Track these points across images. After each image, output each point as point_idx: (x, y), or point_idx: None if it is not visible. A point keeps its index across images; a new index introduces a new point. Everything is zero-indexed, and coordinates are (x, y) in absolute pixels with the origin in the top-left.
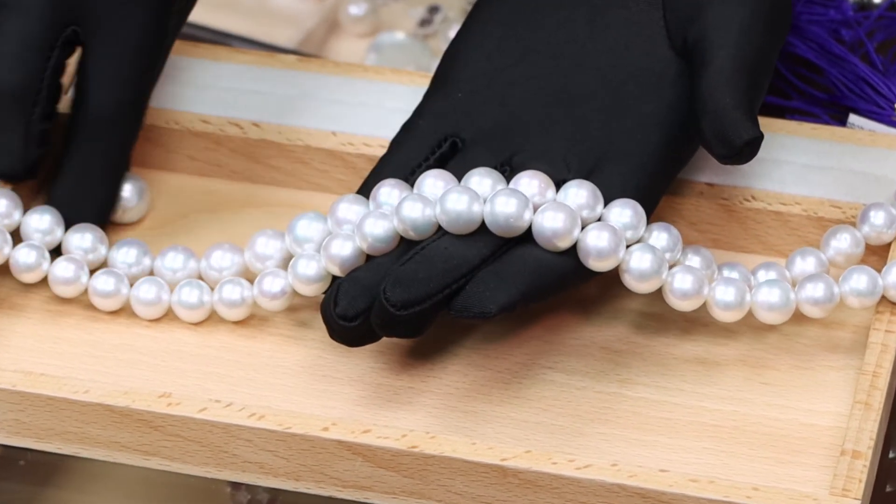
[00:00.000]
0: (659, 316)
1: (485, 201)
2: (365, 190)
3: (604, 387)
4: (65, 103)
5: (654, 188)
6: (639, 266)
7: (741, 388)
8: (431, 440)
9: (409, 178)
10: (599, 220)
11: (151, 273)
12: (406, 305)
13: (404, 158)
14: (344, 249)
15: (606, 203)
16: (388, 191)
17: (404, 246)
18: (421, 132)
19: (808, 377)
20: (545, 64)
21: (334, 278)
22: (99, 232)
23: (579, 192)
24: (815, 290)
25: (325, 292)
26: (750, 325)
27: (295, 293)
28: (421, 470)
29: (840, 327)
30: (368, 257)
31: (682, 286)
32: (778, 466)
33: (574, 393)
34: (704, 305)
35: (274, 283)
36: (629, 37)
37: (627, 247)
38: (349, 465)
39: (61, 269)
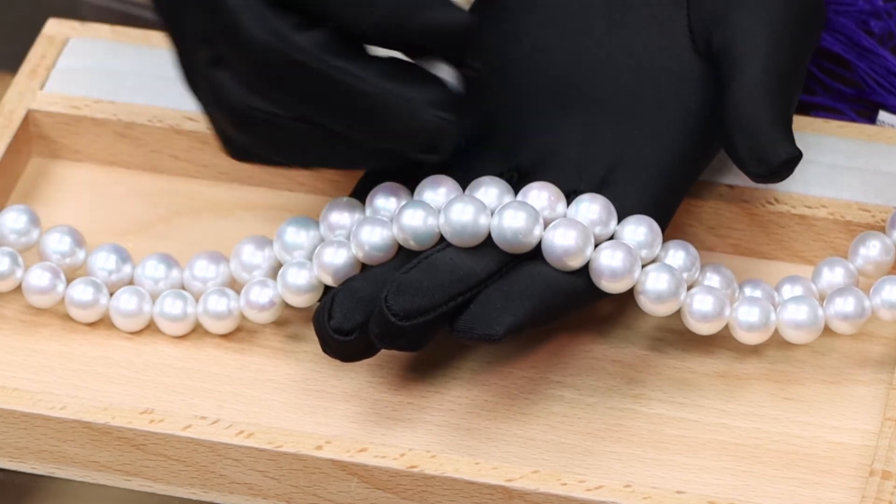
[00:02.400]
0: (676, 328)
1: (492, 213)
2: (358, 192)
3: (616, 402)
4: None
5: (670, 201)
6: (655, 287)
7: (764, 404)
8: (432, 459)
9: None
10: (612, 237)
11: (132, 282)
12: (409, 316)
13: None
14: (337, 258)
15: (620, 217)
16: (386, 196)
17: (403, 255)
18: None
19: (834, 392)
20: (558, 60)
21: (326, 288)
22: (78, 234)
23: (591, 207)
24: (845, 304)
25: (318, 301)
26: (773, 338)
27: (285, 304)
28: (421, 491)
29: (869, 340)
30: (364, 266)
31: (702, 308)
32: (803, 487)
33: (584, 409)
34: (726, 326)
35: (262, 294)
36: (649, 36)
37: (643, 266)
38: (344, 486)
39: (36, 278)
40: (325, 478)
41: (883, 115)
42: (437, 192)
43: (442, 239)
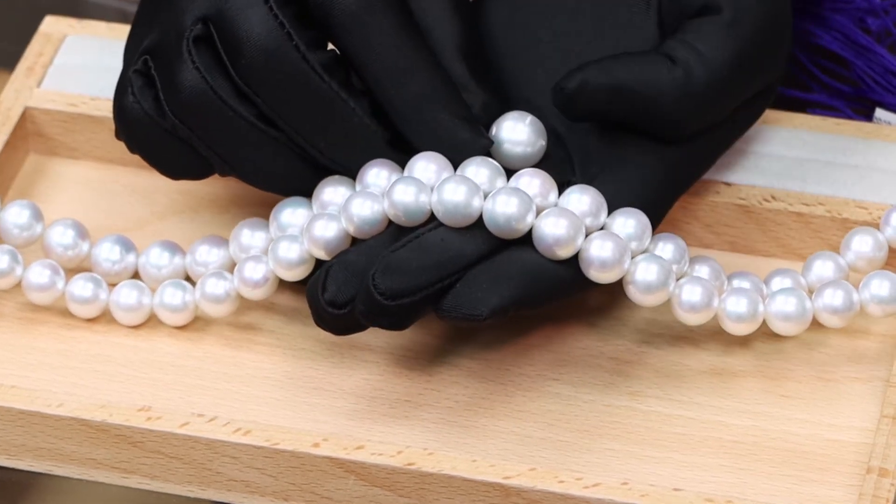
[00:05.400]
0: (671, 325)
1: (485, 196)
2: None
3: (613, 400)
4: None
5: (662, 200)
6: (644, 277)
7: (760, 401)
8: (429, 457)
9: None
10: (602, 229)
11: (136, 272)
12: (395, 295)
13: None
14: (328, 231)
15: (610, 211)
16: (377, 171)
17: (394, 229)
18: None
19: (831, 389)
20: (553, 56)
21: (318, 262)
22: (81, 227)
23: (582, 199)
24: (834, 297)
25: (305, 280)
26: (768, 334)
27: (280, 281)
28: (418, 489)
29: (865, 336)
30: (354, 240)
31: (690, 298)
32: (800, 485)
33: (581, 406)
34: (715, 318)
35: (256, 270)
36: (630, 39)
37: (632, 258)
38: (341, 483)
39: (35, 275)
40: (323, 475)
41: (880, 113)
42: (428, 168)
43: (433, 216)
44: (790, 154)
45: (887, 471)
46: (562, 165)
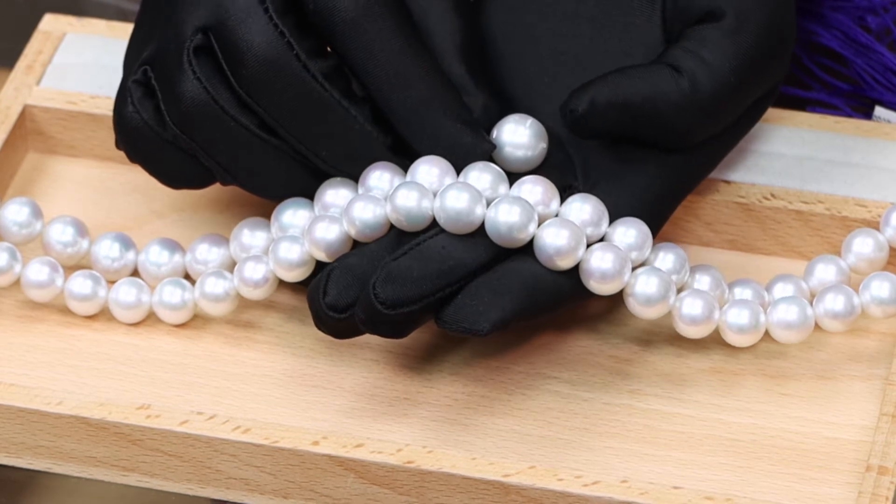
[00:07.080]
0: (671, 324)
1: (488, 202)
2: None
3: (613, 398)
4: None
5: (664, 205)
6: (644, 290)
7: (760, 400)
8: (429, 455)
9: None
10: (602, 238)
11: (136, 270)
12: (396, 305)
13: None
14: (329, 233)
15: (612, 219)
16: (380, 174)
17: (396, 233)
18: None
19: (830, 388)
20: (552, 58)
21: (319, 264)
22: (80, 224)
23: (583, 208)
24: (835, 302)
25: (303, 282)
26: (765, 334)
27: (279, 282)
28: (418, 487)
29: (865, 335)
30: (355, 243)
31: (691, 312)
32: (799, 483)
33: (581, 404)
34: (717, 329)
35: (256, 270)
36: (632, 42)
37: (633, 269)
38: (341, 481)
39: (34, 272)
40: (322, 473)
41: (879, 111)
42: (431, 172)
43: (435, 221)
44: (790, 152)
45: (887, 469)
46: (563, 168)
